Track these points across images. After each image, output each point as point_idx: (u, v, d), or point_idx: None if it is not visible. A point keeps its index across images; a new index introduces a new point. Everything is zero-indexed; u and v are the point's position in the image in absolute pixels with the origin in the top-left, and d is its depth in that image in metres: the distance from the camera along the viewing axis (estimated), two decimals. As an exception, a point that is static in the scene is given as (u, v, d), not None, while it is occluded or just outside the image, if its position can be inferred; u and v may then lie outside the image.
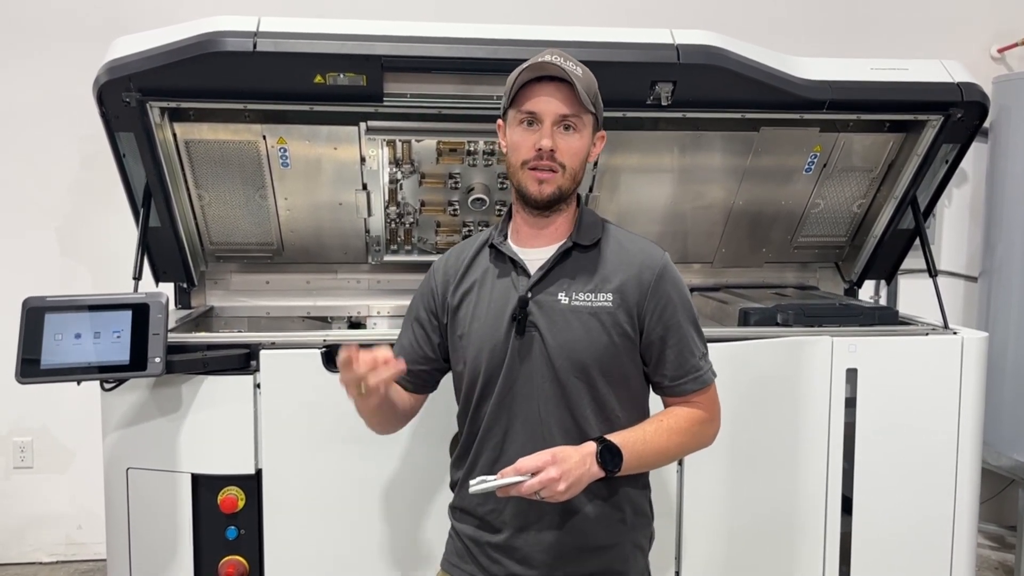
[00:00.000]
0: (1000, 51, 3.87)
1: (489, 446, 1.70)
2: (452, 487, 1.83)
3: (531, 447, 1.60)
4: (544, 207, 1.68)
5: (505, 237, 1.76)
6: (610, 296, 1.66)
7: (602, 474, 1.58)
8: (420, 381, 1.82)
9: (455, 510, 1.81)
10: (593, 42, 2.33)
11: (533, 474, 1.50)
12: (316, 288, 2.99)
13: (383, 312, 3.00)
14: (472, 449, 1.73)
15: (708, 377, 1.73)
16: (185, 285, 2.80)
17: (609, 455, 1.58)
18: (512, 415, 1.68)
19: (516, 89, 1.65)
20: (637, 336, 1.69)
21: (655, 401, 1.77)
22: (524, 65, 1.66)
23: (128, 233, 2.72)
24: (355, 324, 2.98)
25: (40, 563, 3.65)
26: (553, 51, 1.67)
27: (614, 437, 1.62)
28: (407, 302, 2.90)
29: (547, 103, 1.63)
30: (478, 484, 1.52)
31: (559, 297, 1.67)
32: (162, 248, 2.63)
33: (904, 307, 2.91)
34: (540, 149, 1.63)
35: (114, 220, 3.35)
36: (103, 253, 3.49)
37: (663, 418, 1.70)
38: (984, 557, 3.75)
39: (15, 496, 3.62)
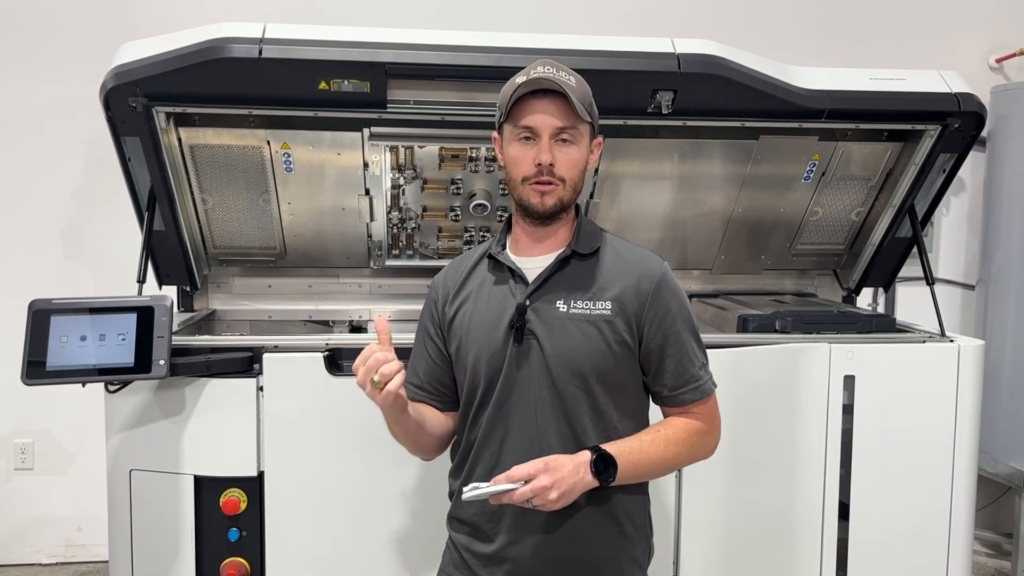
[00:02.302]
0: (998, 61, 3.90)
1: (486, 455, 1.70)
2: (450, 496, 1.82)
3: (528, 456, 1.60)
4: (546, 218, 1.69)
5: (503, 247, 1.77)
6: (608, 304, 1.66)
7: (596, 483, 1.58)
8: (449, 398, 1.81)
9: (452, 520, 1.80)
10: (595, 51, 2.35)
11: (526, 482, 1.51)
12: (318, 292, 3.01)
13: (384, 316, 3.01)
14: (469, 458, 1.73)
15: (708, 387, 1.73)
16: (188, 288, 2.82)
17: (603, 464, 1.58)
18: (509, 424, 1.67)
19: (511, 104, 1.65)
20: (636, 345, 1.68)
21: (655, 412, 1.78)
22: (516, 79, 1.65)
23: (130, 236, 2.74)
24: (356, 328, 3.00)
25: (40, 564, 3.66)
26: (545, 62, 1.67)
27: (609, 447, 1.61)
28: (408, 307, 3.00)
29: (543, 118, 1.63)
30: (471, 491, 1.52)
31: (557, 305, 1.67)
32: (166, 251, 2.65)
33: (901, 315, 2.94)
34: (540, 164, 1.63)
35: (117, 223, 3.37)
36: (106, 256, 3.51)
37: (660, 428, 1.70)
38: (980, 564, 3.76)
39: (16, 498, 3.63)
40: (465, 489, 1.54)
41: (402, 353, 1.86)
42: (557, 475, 1.52)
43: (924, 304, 2.75)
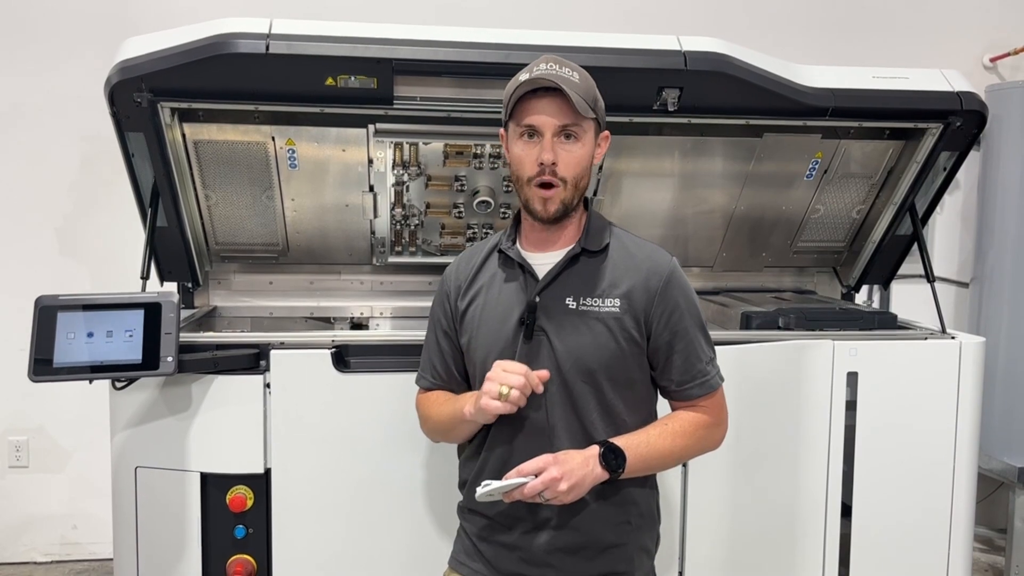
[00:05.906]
0: (992, 60, 3.94)
1: (498, 449, 1.72)
2: (460, 487, 1.84)
3: (538, 450, 1.63)
4: (551, 222, 1.70)
5: (513, 242, 1.78)
6: (617, 301, 1.68)
7: (606, 476, 1.60)
8: (467, 386, 1.82)
9: (464, 510, 1.82)
10: (602, 48, 2.35)
11: (537, 476, 1.53)
12: (319, 289, 3.00)
13: (386, 313, 3.01)
14: (481, 452, 1.75)
15: (715, 382, 1.75)
16: (190, 285, 2.80)
17: (612, 456, 1.61)
18: (520, 418, 1.68)
19: (513, 103, 1.66)
20: (644, 341, 1.70)
21: (662, 405, 1.80)
22: (520, 76, 1.66)
23: (128, 232, 2.72)
24: (357, 325, 2.99)
25: (35, 563, 3.63)
26: (548, 58, 1.67)
27: (617, 440, 1.64)
28: (410, 304, 3.00)
29: (545, 116, 1.63)
30: (484, 490, 1.55)
31: (567, 302, 1.69)
32: (168, 248, 2.63)
33: (896, 312, 2.95)
34: (542, 164, 1.64)
35: (114, 220, 3.35)
36: (102, 253, 3.48)
37: (668, 422, 1.73)
38: (974, 560, 3.79)
39: (10, 495, 3.60)
40: (478, 489, 1.56)
41: (408, 350, 1.87)
42: (566, 467, 1.55)
43: (919, 301, 2.77)
